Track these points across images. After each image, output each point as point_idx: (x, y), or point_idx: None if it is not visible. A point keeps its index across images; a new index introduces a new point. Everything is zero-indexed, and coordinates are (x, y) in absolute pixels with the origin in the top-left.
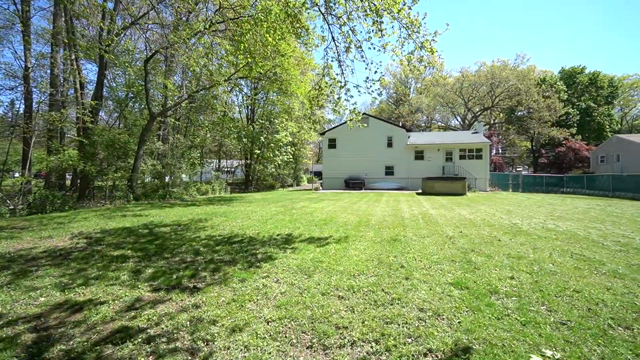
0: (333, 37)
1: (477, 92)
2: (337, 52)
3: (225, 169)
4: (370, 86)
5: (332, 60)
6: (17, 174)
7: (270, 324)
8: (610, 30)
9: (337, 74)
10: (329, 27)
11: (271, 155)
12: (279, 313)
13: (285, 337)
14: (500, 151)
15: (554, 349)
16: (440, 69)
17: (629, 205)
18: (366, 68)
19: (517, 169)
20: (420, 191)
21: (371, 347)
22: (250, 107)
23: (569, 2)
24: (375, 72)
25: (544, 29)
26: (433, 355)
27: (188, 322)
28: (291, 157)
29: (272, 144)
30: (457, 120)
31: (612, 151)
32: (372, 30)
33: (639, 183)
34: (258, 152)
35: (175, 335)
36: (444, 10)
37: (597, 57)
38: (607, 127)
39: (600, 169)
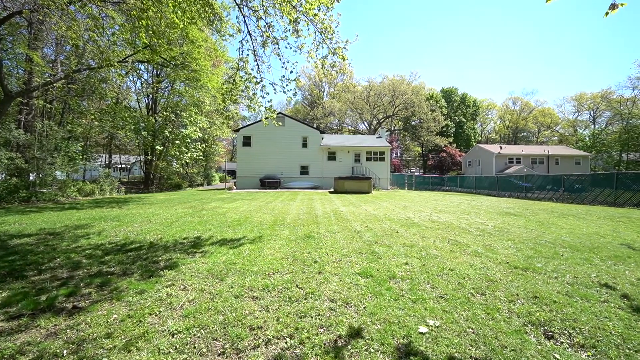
0: (249, 31)
1: (382, 101)
2: (253, 46)
3: (119, 166)
4: (286, 85)
5: (247, 54)
6: None
7: (175, 336)
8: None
9: (252, 69)
10: (245, 20)
11: (177, 151)
12: (187, 323)
13: (194, 347)
14: (398, 154)
15: (435, 319)
16: (351, 76)
17: (485, 200)
18: (282, 67)
19: (411, 170)
20: (332, 190)
21: (286, 342)
22: (151, 95)
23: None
24: (291, 72)
25: (430, 52)
26: (342, 341)
27: (65, 350)
28: (201, 154)
29: (178, 140)
30: (365, 125)
31: (475, 157)
32: (289, 30)
33: (491, 183)
34: (161, 148)
35: None
36: (355, 23)
37: (466, 81)
38: (473, 138)
39: (468, 171)
